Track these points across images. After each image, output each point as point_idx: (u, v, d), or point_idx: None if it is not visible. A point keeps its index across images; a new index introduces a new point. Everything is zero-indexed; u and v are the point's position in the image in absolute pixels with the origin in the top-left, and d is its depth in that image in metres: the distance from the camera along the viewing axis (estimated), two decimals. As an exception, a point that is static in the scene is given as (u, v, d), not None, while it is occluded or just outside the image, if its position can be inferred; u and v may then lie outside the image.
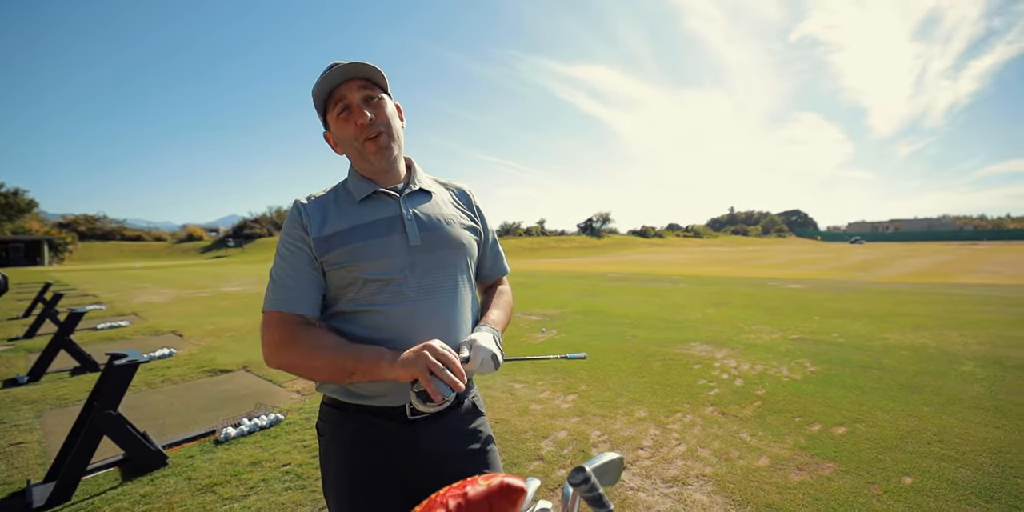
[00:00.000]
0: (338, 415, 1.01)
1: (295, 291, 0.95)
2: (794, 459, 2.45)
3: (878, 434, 2.71)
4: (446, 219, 1.07)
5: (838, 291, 9.83)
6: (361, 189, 1.03)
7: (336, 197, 1.05)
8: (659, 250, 49.90)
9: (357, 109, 0.96)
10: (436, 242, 1.02)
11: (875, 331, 5.57)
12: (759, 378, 3.85)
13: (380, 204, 1.03)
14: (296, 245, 0.98)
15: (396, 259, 0.97)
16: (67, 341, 4.36)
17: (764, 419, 2.99)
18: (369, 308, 0.96)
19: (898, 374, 3.84)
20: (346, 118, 0.98)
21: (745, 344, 5.07)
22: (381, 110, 0.99)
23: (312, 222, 0.99)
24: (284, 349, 0.91)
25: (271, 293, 0.97)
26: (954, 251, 31.33)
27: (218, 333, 6.55)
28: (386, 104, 1.01)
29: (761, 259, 26.26)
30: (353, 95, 0.97)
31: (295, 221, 1.00)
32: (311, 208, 1.01)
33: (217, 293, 12.20)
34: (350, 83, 0.97)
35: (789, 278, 13.62)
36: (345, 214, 1.01)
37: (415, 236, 1.00)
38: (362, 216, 1.00)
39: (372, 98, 0.99)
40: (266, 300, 0.97)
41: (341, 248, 0.96)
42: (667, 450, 2.62)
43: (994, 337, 5.08)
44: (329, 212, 1.01)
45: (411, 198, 1.06)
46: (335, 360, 0.87)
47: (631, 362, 4.41)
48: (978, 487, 2.14)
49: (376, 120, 0.98)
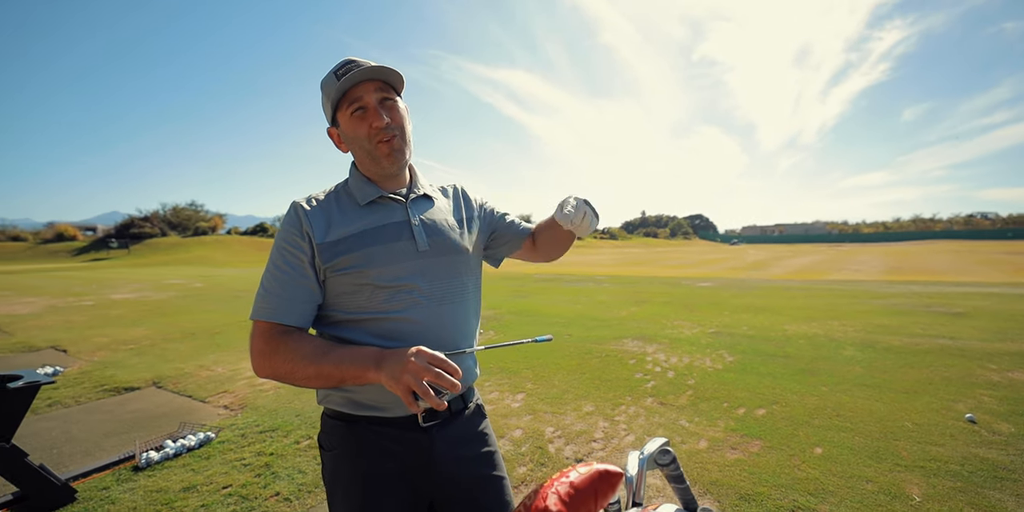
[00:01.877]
0: (345, 428, 0.98)
1: (284, 301, 0.92)
2: (728, 440, 2.74)
3: (791, 413, 3.11)
4: (451, 225, 1.07)
5: (741, 288, 10.97)
6: (366, 193, 1.01)
7: (338, 200, 1.02)
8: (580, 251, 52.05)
9: (374, 111, 0.95)
10: (443, 248, 1.02)
11: (776, 323, 6.32)
12: (687, 369, 4.21)
13: (386, 209, 1.01)
14: (292, 253, 0.94)
15: (406, 265, 0.96)
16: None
17: (697, 406, 3.29)
18: (378, 315, 0.95)
19: (799, 360, 4.41)
20: (360, 117, 0.95)
21: (671, 338, 5.50)
22: (396, 113, 0.98)
23: (315, 227, 0.95)
24: (268, 360, 0.88)
25: (259, 301, 0.93)
26: (824, 252, 36.21)
27: (113, 347, 5.78)
28: (401, 108, 1.01)
29: (672, 259, 28.44)
30: (370, 96, 0.95)
31: (294, 226, 0.95)
32: (313, 213, 0.97)
33: (104, 301, 10.70)
34: (368, 84, 0.96)
35: (698, 277, 14.92)
36: (351, 218, 0.98)
37: (423, 242, 1.00)
38: (369, 221, 0.98)
39: (388, 100, 0.98)
40: (254, 307, 0.94)
41: (351, 253, 0.94)
42: (618, 441, 2.79)
43: (866, 325, 6.00)
44: (333, 216, 0.97)
45: (416, 203, 1.05)
46: (320, 370, 0.84)
47: (571, 360, 4.60)
48: (870, 451, 2.54)
49: (391, 123, 0.96)
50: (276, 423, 3.17)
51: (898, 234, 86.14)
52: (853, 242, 76.19)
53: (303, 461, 2.62)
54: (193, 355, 5.25)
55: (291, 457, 2.67)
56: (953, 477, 2.26)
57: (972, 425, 2.84)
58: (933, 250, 33.66)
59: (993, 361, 4.19)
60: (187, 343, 5.92)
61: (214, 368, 4.68)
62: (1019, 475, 2.26)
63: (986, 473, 2.29)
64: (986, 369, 3.96)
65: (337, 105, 0.97)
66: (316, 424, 3.11)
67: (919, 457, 2.47)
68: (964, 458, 2.44)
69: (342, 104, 0.96)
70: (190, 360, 5.02)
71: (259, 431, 3.05)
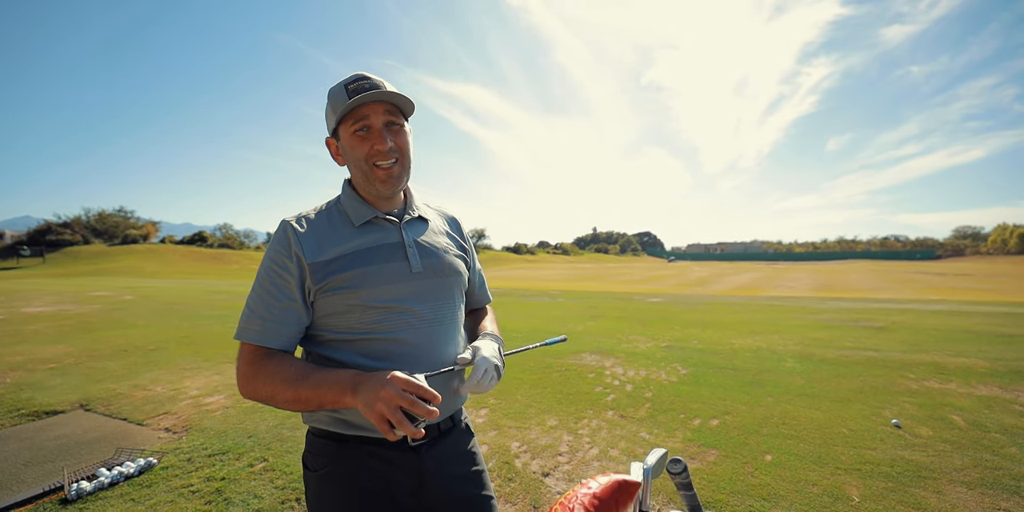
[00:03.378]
0: (335, 447, 0.97)
1: (269, 323, 0.92)
2: (686, 450, 2.86)
3: (741, 422, 3.30)
4: (443, 247, 1.08)
5: (688, 304, 11.50)
6: (360, 213, 1.01)
7: (331, 219, 1.01)
8: (533, 266, 52.65)
9: (378, 133, 0.95)
10: (436, 270, 1.03)
11: (723, 337, 6.67)
12: (644, 382, 4.36)
13: (380, 230, 1.01)
14: (279, 274, 0.93)
15: (399, 286, 0.97)
16: None
17: (656, 418, 3.42)
18: (368, 336, 0.94)
19: (746, 373, 4.68)
20: (363, 137, 0.95)
21: (627, 352, 5.67)
22: (402, 138, 0.99)
23: (306, 247, 0.94)
24: (251, 383, 0.89)
25: (244, 321, 0.93)
26: (762, 270, 38.68)
27: (30, 366, 5.21)
28: (406, 132, 1.01)
29: (622, 275, 29.37)
30: (378, 118, 0.95)
31: (283, 246, 0.94)
32: (305, 233, 0.96)
33: (16, 315, 9.63)
34: (378, 105, 0.96)
35: (648, 292, 15.50)
36: (344, 238, 0.98)
37: (417, 263, 1.00)
38: (363, 241, 0.98)
39: (394, 124, 0.98)
40: (239, 327, 0.94)
41: (343, 273, 0.93)
42: (583, 454, 2.84)
43: (803, 339, 6.47)
44: (325, 236, 0.97)
45: (410, 225, 1.06)
46: (299, 395, 0.84)
47: (532, 374, 4.64)
48: (813, 456, 2.74)
49: (394, 148, 0.97)
50: (226, 445, 2.98)
51: (825, 254, 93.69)
52: (787, 260, 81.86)
53: (258, 485, 2.48)
54: (126, 374, 4.83)
55: (244, 481, 2.52)
56: (885, 478, 2.48)
57: (898, 430, 3.13)
58: (855, 269, 36.85)
59: (911, 371, 4.64)
60: (118, 361, 5.44)
61: (152, 388, 4.33)
62: (939, 474, 2.51)
63: (912, 473, 2.52)
64: (906, 378, 4.38)
65: (342, 119, 0.97)
66: (271, 445, 2.96)
67: (855, 460, 2.69)
68: (893, 460, 2.68)
69: (347, 119, 0.96)
70: (123, 380, 4.62)
71: (207, 455, 2.85)
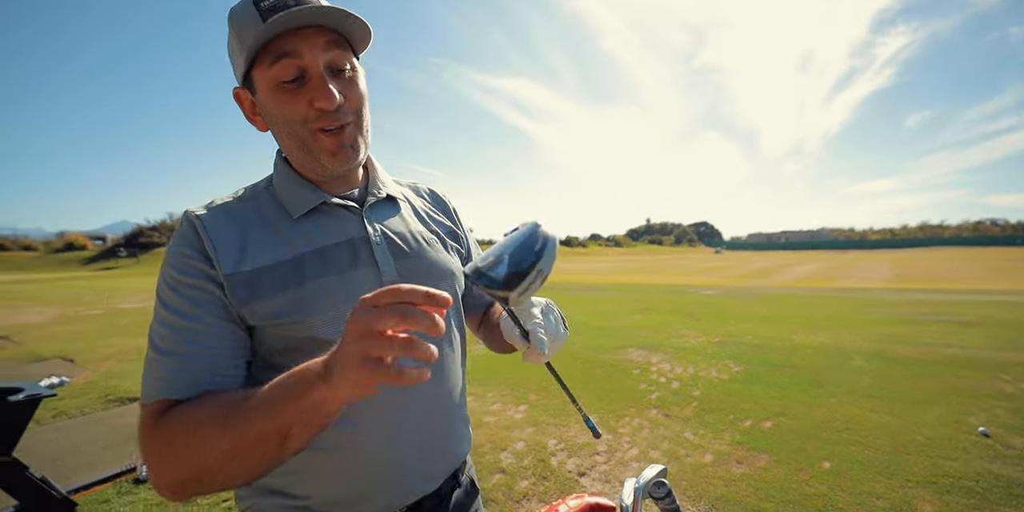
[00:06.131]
0: None
1: (185, 361, 0.57)
2: (734, 454, 2.69)
3: (798, 426, 3.06)
4: (426, 239, 0.77)
5: (746, 296, 10.88)
6: (300, 199, 0.68)
7: (258, 209, 0.68)
8: (583, 259, 51.97)
9: (320, 84, 0.61)
10: (417, 274, 0.72)
11: (782, 332, 6.25)
12: (692, 380, 4.16)
13: (332, 221, 0.70)
14: (193, 286, 0.61)
15: None
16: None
17: (703, 418, 3.25)
18: None
19: (806, 371, 4.34)
20: (294, 91, 0.62)
21: (675, 348, 5.45)
22: (355, 89, 0.66)
23: (221, 250, 0.62)
24: (172, 457, 0.51)
25: (156, 371, 0.58)
26: (830, 259, 35.96)
27: (120, 356, 5.80)
28: (360, 79, 0.68)
29: (676, 267, 28.32)
30: (315, 57, 0.61)
31: (189, 246, 0.63)
32: (217, 227, 0.64)
33: (113, 310, 10.78)
34: (313, 35, 0.60)
35: (703, 285, 14.83)
36: (278, 237, 0.66)
37: (389, 268, 0.70)
38: (307, 240, 0.67)
39: (343, 70, 0.65)
40: (145, 386, 0.58)
41: (280, 294, 0.62)
42: (621, 454, 2.75)
43: (875, 335, 5.92)
44: (249, 233, 0.65)
45: (376, 210, 0.74)
46: (242, 431, 0.48)
47: (574, 370, 4.56)
48: (880, 466, 2.49)
49: (345, 106, 0.64)
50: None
51: (905, 241, 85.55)
52: (859, 249, 75.60)
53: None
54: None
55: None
56: (967, 494, 2.20)
57: (985, 439, 2.78)
58: (941, 257, 33.34)
59: (1006, 371, 4.11)
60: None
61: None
62: (1035, 491, 2.20)
63: (1001, 490, 2.22)
64: (999, 380, 3.89)
65: (256, 57, 0.61)
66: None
67: (931, 472, 2.41)
68: (978, 474, 2.38)
69: (264, 58, 0.61)
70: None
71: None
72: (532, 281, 0.51)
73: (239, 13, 0.60)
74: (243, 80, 0.65)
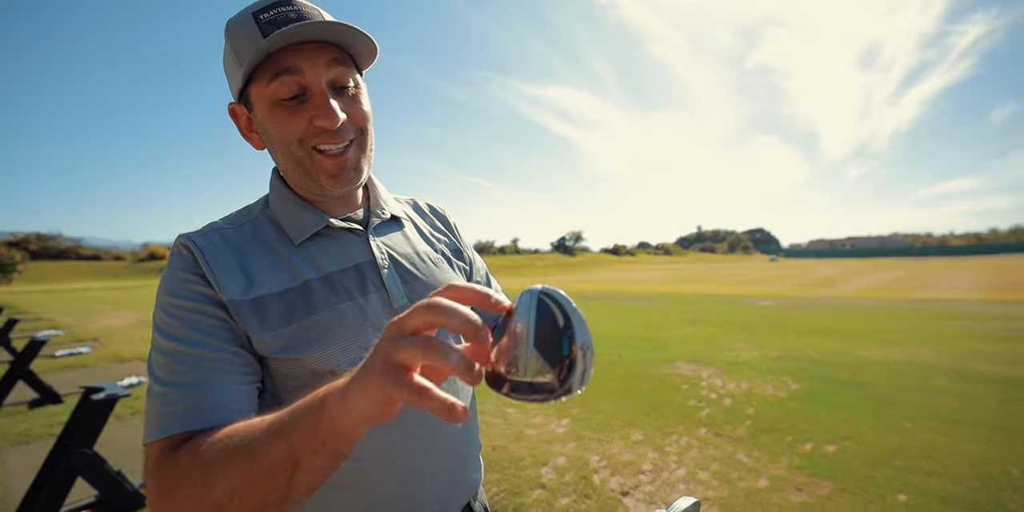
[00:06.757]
0: None
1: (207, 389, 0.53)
2: (792, 479, 2.50)
3: (867, 451, 2.80)
4: (433, 259, 0.75)
5: (807, 308, 10.19)
6: (302, 223, 0.65)
7: (256, 233, 0.65)
8: (631, 268, 50.78)
9: (322, 101, 0.59)
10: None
11: (848, 347, 5.78)
12: (746, 397, 3.92)
13: (336, 245, 0.67)
14: (195, 310, 0.57)
15: (378, 332, 0.59)
16: (27, 371, 4.07)
17: (757, 439, 3.04)
18: None
19: (876, 390, 3.98)
20: (294, 109, 0.59)
21: (728, 362, 5.17)
22: (358, 107, 0.63)
23: (221, 275, 0.59)
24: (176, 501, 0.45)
25: (158, 406, 0.52)
26: (906, 267, 33.05)
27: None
28: (364, 96, 0.66)
29: (730, 276, 27.06)
30: (317, 74, 0.58)
31: (186, 270, 0.59)
32: (216, 252, 0.60)
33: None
34: (316, 51, 0.58)
35: (759, 295, 14.05)
36: (280, 262, 0.63)
37: (399, 292, 0.67)
38: (313, 265, 0.64)
39: (346, 88, 0.62)
40: (147, 424, 0.52)
41: (288, 324, 0.59)
42: (668, 474, 2.62)
43: (963, 351, 5.35)
44: (250, 259, 0.62)
45: (379, 232, 0.72)
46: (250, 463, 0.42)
47: (620, 383, 4.43)
48: (966, 502, 2.22)
49: (348, 124, 0.62)
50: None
51: (995, 246, 77.41)
52: (939, 255, 69.15)
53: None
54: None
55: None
56: (1075, 539, 1.92)
57: (1098, 475, 2.42)
58: (1040, 265, 29.82)
59: (1123, 398, 3.58)
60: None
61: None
62: None
63: (1119, 536, 1.92)
64: (1114, 407, 3.39)
65: (253, 73, 0.59)
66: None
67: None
68: (1089, 516, 2.07)
69: (262, 74, 0.58)
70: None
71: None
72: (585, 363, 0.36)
73: (236, 26, 0.59)
74: (239, 96, 0.63)
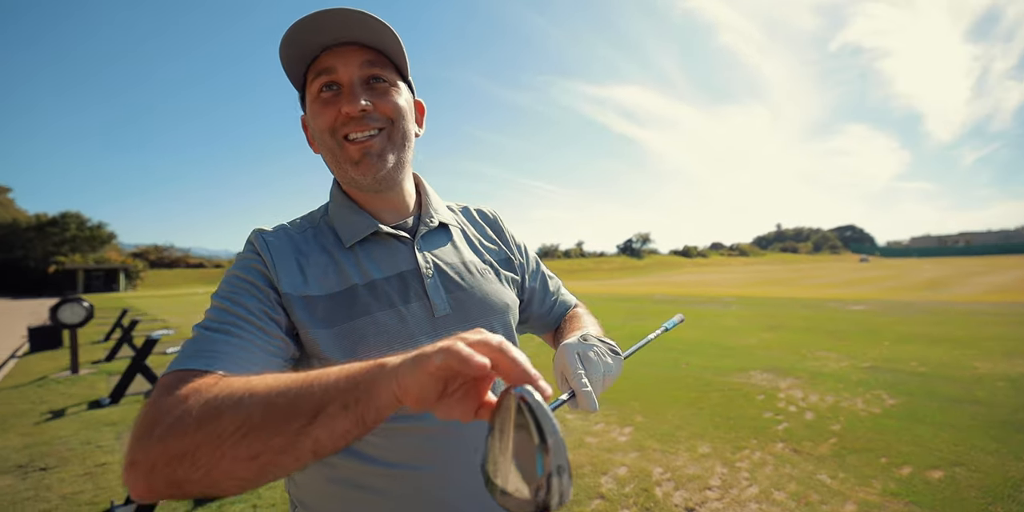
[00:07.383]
0: None
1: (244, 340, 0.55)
2: (885, 507, 2.23)
3: (984, 481, 2.43)
4: (479, 270, 0.75)
5: (907, 312, 9.12)
6: (353, 227, 0.69)
7: (317, 235, 0.70)
8: (704, 270, 48.32)
9: (347, 91, 0.64)
10: (471, 308, 0.71)
11: (960, 358, 5.09)
12: (832, 411, 3.57)
13: (383, 251, 0.69)
14: (251, 282, 0.61)
15: (417, 340, 0.64)
16: (143, 366, 4.65)
17: (843, 459, 2.76)
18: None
19: (997, 409, 3.46)
20: (329, 100, 0.64)
21: (810, 372, 4.74)
22: (387, 98, 0.66)
23: (281, 269, 0.63)
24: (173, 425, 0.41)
25: (190, 346, 0.54)
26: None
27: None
28: (398, 93, 0.68)
29: (815, 278, 24.86)
30: (349, 71, 0.64)
31: (253, 253, 0.65)
32: (280, 249, 0.65)
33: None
34: (349, 52, 0.64)
35: (849, 298, 12.78)
36: (331, 266, 0.66)
37: (442, 302, 0.68)
38: (360, 271, 0.67)
39: (379, 79, 0.66)
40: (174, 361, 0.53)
41: (329, 327, 0.62)
42: (738, 491, 2.45)
43: (1106, 367, 4.52)
44: (307, 260, 0.66)
45: (427, 240, 0.74)
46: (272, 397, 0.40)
47: (688, 392, 4.21)
48: (1116, 548, 1.86)
49: (373, 111, 0.64)
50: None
51: None
52: (1084, 253, 58.92)
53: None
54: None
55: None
56: None
57: None
58: None
59: None
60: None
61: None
62: None
63: None
64: None
65: (304, 81, 0.68)
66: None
67: None
68: None
69: (309, 77, 0.67)
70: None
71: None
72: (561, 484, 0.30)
73: (281, 46, 0.65)
74: (302, 105, 0.71)
